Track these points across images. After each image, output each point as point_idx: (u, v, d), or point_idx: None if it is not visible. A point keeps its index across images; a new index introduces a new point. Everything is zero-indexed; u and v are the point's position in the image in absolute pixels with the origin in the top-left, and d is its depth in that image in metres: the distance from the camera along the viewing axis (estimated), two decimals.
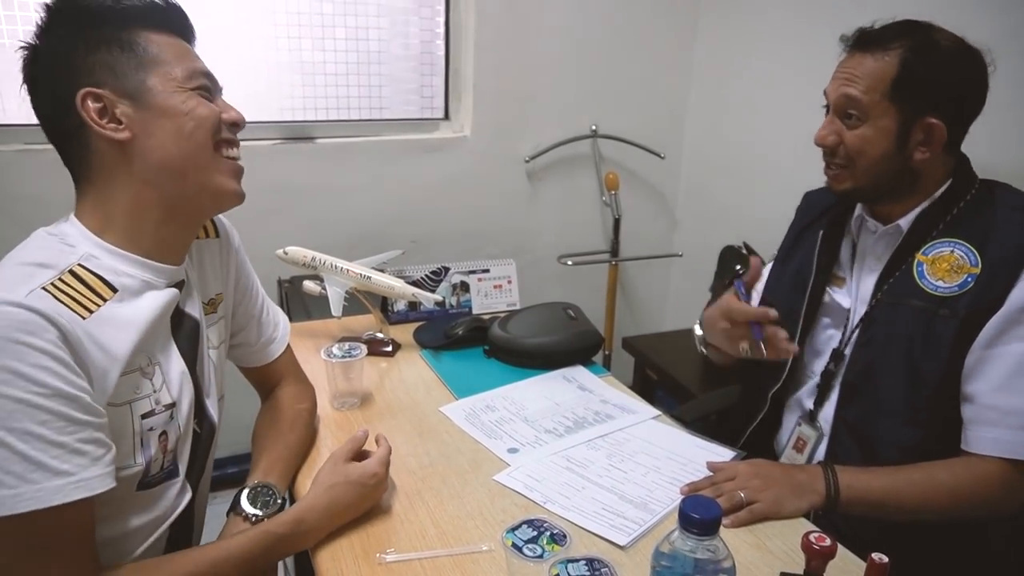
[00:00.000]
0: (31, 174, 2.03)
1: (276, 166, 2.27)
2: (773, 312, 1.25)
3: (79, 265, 0.86)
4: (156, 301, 0.93)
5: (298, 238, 1.69)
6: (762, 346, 1.24)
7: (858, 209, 1.31)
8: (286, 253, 1.60)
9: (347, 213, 2.44)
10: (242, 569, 0.91)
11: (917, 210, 1.21)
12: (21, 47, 0.88)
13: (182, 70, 0.91)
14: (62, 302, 0.80)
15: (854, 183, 1.22)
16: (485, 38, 2.45)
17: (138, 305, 0.91)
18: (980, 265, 1.13)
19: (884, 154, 1.17)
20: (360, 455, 1.09)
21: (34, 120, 0.92)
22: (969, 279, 1.13)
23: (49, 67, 0.88)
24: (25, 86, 0.90)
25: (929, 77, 1.13)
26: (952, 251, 1.16)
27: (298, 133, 2.36)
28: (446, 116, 2.60)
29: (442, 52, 2.53)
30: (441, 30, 2.50)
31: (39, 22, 0.88)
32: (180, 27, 0.95)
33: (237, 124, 0.98)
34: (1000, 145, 1.22)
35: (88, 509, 0.81)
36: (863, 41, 1.19)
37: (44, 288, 0.80)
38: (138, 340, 0.88)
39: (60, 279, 0.82)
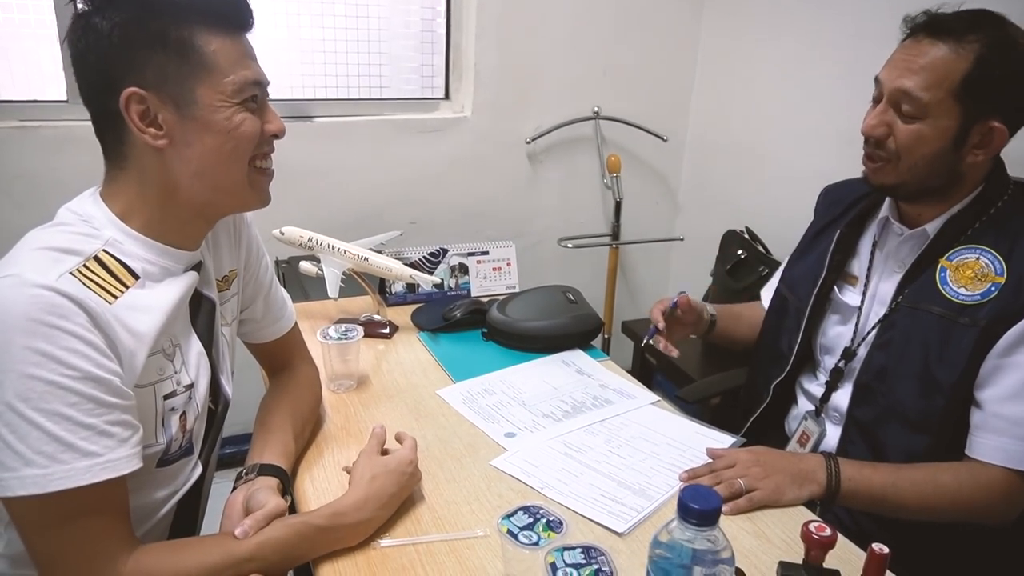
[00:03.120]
0: (27, 151, 2.00)
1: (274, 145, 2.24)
2: (661, 325, 1.39)
3: (103, 251, 0.87)
4: (177, 286, 0.95)
5: (295, 218, 1.67)
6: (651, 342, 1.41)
7: (884, 210, 1.27)
8: (282, 233, 1.58)
9: (345, 193, 2.41)
10: (280, 556, 0.90)
11: (946, 215, 1.17)
12: (77, 12, 0.86)
13: (232, 82, 0.89)
14: (89, 288, 0.82)
15: (896, 179, 1.16)
16: (487, 17, 2.41)
17: (161, 290, 0.92)
18: (1006, 274, 1.09)
19: (937, 153, 1.11)
20: (383, 452, 1.08)
21: (29, 96, 0.90)
22: (993, 288, 1.09)
23: (101, 48, 0.85)
24: (69, 49, 0.88)
25: (1004, 78, 1.06)
26: (978, 258, 1.12)
27: (296, 112, 2.33)
28: (446, 96, 2.57)
29: (443, 31, 2.49)
30: (442, 8, 2.47)
31: None
32: (239, 19, 0.91)
33: (278, 135, 0.98)
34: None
35: (119, 487, 0.83)
36: (934, 27, 1.09)
37: (71, 273, 0.81)
38: (164, 322, 0.90)
39: (85, 265, 0.83)
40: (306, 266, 1.63)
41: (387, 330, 1.61)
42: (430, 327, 1.63)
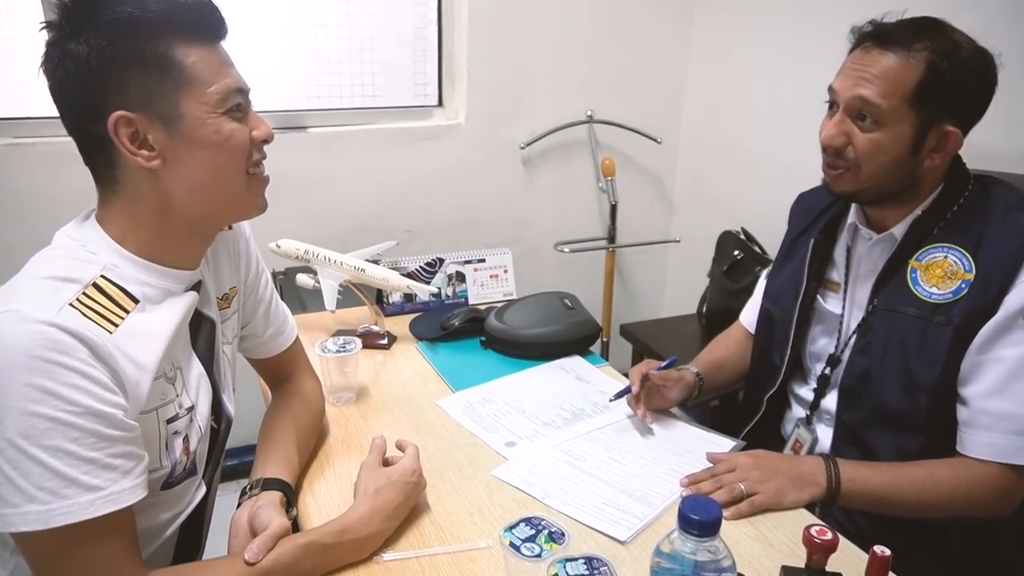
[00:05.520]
0: (21, 168, 2.00)
1: (268, 156, 2.24)
2: (635, 389, 1.28)
3: (102, 277, 0.86)
4: (177, 308, 0.94)
5: (291, 229, 1.67)
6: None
7: (851, 216, 1.28)
8: (279, 246, 1.58)
9: (341, 203, 2.41)
10: (290, 573, 0.89)
11: (910, 218, 1.18)
12: (49, 41, 0.84)
13: (216, 92, 0.88)
14: (89, 318, 0.81)
15: (857, 186, 1.17)
16: (478, 23, 2.42)
17: (161, 314, 0.92)
18: (974, 270, 1.10)
19: (895, 160, 1.12)
20: (384, 461, 1.08)
21: (22, 114, 0.89)
22: (963, 285, 1.11)
23: (81, 74, 0.84)
24: (46, 77, 0.86)
25: (954, 83, 1.08)
26: (946, 256, 1.14)
27: (290, 122, 2.33)
28: (440, 103, 2.57)
29: (435, 38, 2.50)
30: (434, 15, 2.47)
31: (64, 21, 0.84)
32: (213, 28, 0.91)
33: (267, 140, 0.98)
34: (994, 130, 1.18)
35: (125, 516, 0.83)
36: (882, 37, 1.11)
37: (71, 304, 0.80)
38: (165, 348, 0.90)
39: (84, 293, 0.83)
40: (303, 279, 1.63)
41: (385, 340, 1.61)
42: (428, 336, 1.63)
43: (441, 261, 1.70)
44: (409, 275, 1.65)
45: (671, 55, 2.75)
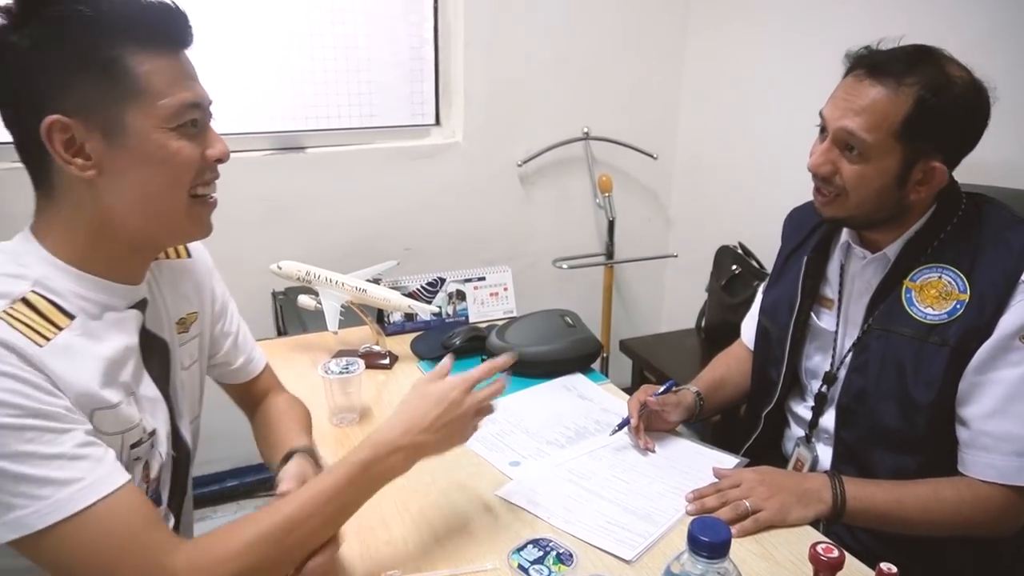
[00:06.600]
0: (21, 193, 2.00)
1: (267, 177, 2.25)
2: (634, 422, 1.30)
3: (32, 292, 0.81)
4: (120, 331, 0.89)
5: (291, 249, 1.68)
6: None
7: (844, 235, 1.28)
8: (280, 268, 1.59)
9: (340, 222, 2.42)
10: (334, 505, 0.88)
11: (903, 238, 1.18)
12: None
13: (168, 105, 0.82)
14: (17, 329, 0.77)
15: (845, 212, 1.18)
16: (474, 42, 2.44)
17: (99, 335, 0.86)
18: (968, 291, 1.10)
19: (880, 191, 1.13)
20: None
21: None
22: (958, 306, 1.11)
23: (19, 67, 0.78)
24: None
25: (943, 119, 1.07)
26: (940, 276, 1.14)
27: (288, 143, 2.34)
28: (437, 122, 2.59)
29: (431, 58, 2.51)
30: (430, 35, 2.49)
31: (12, 10, 0.77)
32: (175, 35, 0.84)
33: (221, 160, 0.90)
34: (987, 143, 1.19)
35: (126, 500, 0.78)
36: (874, 67, 1.10)
37: None
38: (102, 375, 0.84)
39: (12, 307, 0.79)
40: (304, 300, 1.64)
41: (387, 360, 1.61)
42: (430, 355, 1.63)
43: (442, 281, 1.70)
44: (410, 295, 1.65)
45: (666, 72, 2.77)
